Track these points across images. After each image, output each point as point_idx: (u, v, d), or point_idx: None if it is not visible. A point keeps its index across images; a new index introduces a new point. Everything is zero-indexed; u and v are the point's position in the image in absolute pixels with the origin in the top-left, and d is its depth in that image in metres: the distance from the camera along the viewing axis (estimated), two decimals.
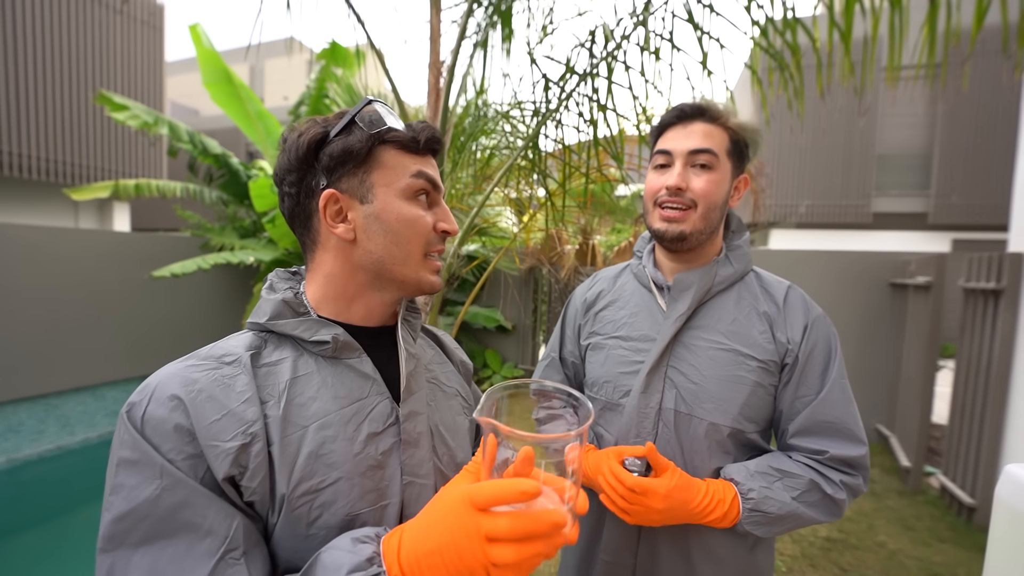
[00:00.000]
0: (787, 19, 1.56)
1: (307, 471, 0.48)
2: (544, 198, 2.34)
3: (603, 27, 1.66)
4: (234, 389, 0.47)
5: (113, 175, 7.12)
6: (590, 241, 5.46)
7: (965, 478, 2.81)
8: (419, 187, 0.56)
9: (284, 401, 0.49)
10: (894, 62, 1.48)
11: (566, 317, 1.02)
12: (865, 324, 4.04)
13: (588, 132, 1.78)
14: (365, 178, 0.55)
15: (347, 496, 0.49)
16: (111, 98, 4.86)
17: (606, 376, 0.87)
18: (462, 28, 1.75)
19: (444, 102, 1.70)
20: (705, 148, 0.79)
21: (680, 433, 0.80)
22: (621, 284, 0.94)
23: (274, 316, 0.54)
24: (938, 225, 8.03)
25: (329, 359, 0.54)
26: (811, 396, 0.78)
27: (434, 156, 0.59)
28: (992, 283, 2.69)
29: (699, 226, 0.80)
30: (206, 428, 0.45)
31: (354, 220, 0.55)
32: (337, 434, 0.50)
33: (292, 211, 0.57)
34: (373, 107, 0.55)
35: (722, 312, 0.82)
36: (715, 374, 0.79)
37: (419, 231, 0.56)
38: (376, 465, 0.52)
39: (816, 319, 0.81)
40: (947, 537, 2.58)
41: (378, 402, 0.54)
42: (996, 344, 2.66)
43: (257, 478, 0.46)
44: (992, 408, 2.66)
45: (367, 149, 0.54)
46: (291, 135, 0.56)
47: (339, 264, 0.56)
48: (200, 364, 0.49)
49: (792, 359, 0.79)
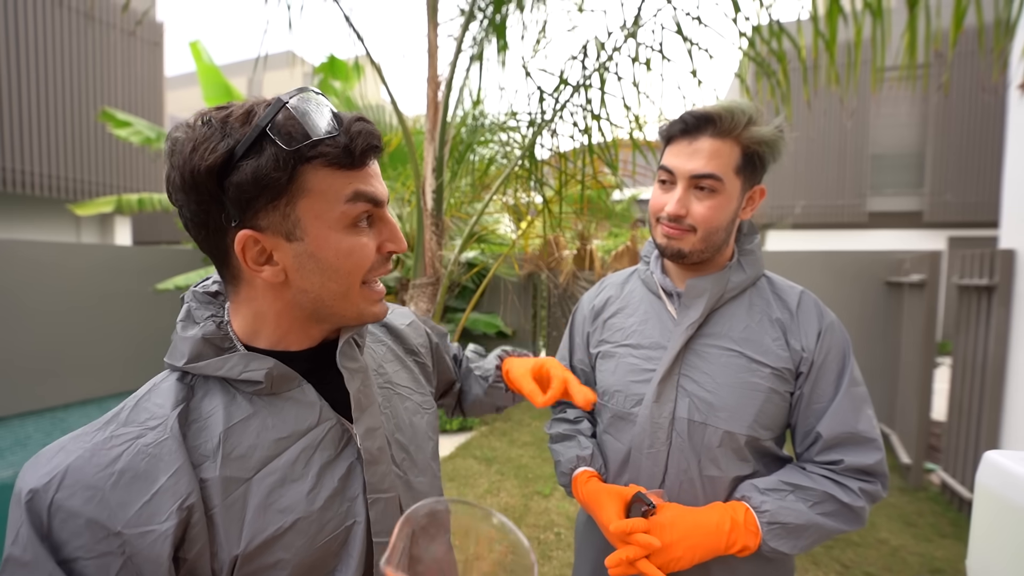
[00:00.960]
0: (772, 28, 1.62)
1: (259, 524, 0.44)
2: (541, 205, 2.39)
3: (595, 40, 1.72)
4: (161, 460, 0.42)
5: (116, 190, 7.18)
6: (587, 246, 5.50)
7: (964, 473, 2.83)
8: (358, 213, 0.47)
9: (220, 458, 0.44)
10: (877, 64, 1.53)
11: (574, 324, 0.99)
12: (862, 323, 4.07)
13: (583, 141, 1.83)
14: (289, 211, 0.45)
15: (306, 534, 0.46)
16: (114, 115, 4.93)
17: (617, 385, 0.85)
18: (459, 42, 1.81)
19: (443, 115, 1.75)
20: (707, 174, 0.74)
21: (695, 442, 0.78)
22: (629, 290, 0.92)
23: (193, 358, 0.47)
24: (933, 223, 8.08)
25: (267, 396, 0.48)
26: (824, 404, 0.77)
27: (377, 157, 0.49)
28: (985, 280, 2.72)
29: (699, 247, 0.78)
30: (136, 515, 0.40)
31: (282, 261, 0.46)
32: (284, 477, 0.46)
33: (199, 240, 0.47)
34: (289, 111, 0.43)
35: (734, 319, 0.80)
36: (729, 382, 0.77)
37: (360, 262, 0.49)
38: (334, 493, 0.49)
39: (829, 325, 0.79)
40: (948, 532, 2.60)
41: (329, 427, 0.50)
42: (991, 340, 2.69)
43: (195, 548, 0.42)
44: (989, 403, 2.69)
45: (288, 176, 0.43)
46: (180, 144, 0.43)
47: (269, 302, 0.49)
48: (119, 435, 0.43)
49: (807, 367, 0.77)
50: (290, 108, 0.43)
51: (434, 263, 1.70)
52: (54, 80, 6.40)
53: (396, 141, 3.95)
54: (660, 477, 0.80)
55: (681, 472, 0.79)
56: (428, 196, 1.71)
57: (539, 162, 1.98)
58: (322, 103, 0.45)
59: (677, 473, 0.79)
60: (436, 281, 1.72)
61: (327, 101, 0.46)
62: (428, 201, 1.71)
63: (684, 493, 0.79)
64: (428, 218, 1.71)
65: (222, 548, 0.43)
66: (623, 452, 0.83)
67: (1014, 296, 2.62)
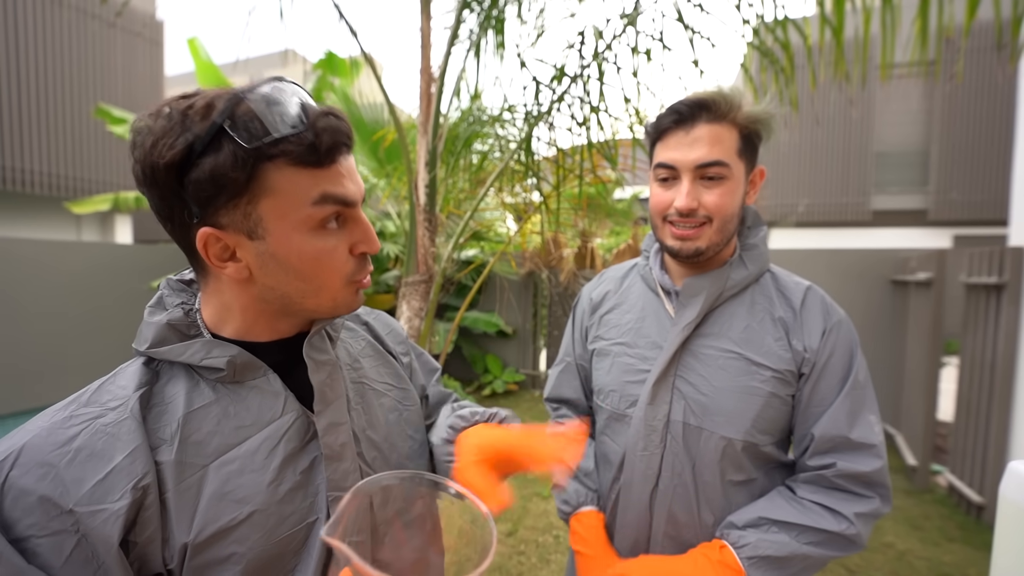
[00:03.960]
0: (777, 18, 1.56)
1: (212, 513, 0.43)
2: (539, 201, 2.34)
3: (593, 28, 1.67)
4: (119, 439, 0.41)
5: (114, 188, 7.16)
6: (589, 244, 5.45)
7: (973, 476, 2.77)
8: (324, 215, 0.45)
9: (178, 442, 0.43)
10: (887, 58, 1.48)
11: (575, 318, 0.96)
12: (867, 322, 4.01)
13: (581, 135, 1.78)
14: (250, 210, 0.43)
15: (263, 527, 0.45)
16: (110, 112, 4.90)
17: (612, 384, 0.83)
18: (452, 33, 1.75)
19: (436, 107, 1.70)
20: (714, 161, 0.70)
21: (690, 447, 0.75)
22: (628, 285, 0.89)
23: (156, 343, 0.47)
24: (938, 221, 8.01)
25: (231, 384, 0.48)
26: (823, 408, 0.72)
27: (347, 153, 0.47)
28: (994, 278, 2.66)
29: (716, 239, 0.74)
30: (89, 492, 0.39)
31: (244, 258, 0.45)
32: (243, 467, 0.45)
33: (167, 231, 0.46)
34: (247, 105, 0.41)
35: (733, 319, 0.76)
36: (726, 385, 0.74)
37: (332, 266, 0.47)
38: (296, 486, 0.47)
39: (836, 324, 0.75)
40: (956, 536, 2.54)
41: (293, 419, 0.49)
42: (1000, 339, 2.64)
43: (146, 531, 0.41)
44: (998, 404, 2.63)
45: (247, 175, 0.41)
46: (142, 138, 0.41)
47: (235, 295, 0.48)
48: (79, 414, 0.42)
49: (809, 368, 0.73)
50: (250, 102, 0.41)
51: (427, 260, 1.65)
52: (53, 78, 6.38)
53: (391, 136, 3.90)
54: (654, 480, 0.77)
55: (675, 476, 0.76)
56: (421, 191, 1.66)
57: (535, 157, 1.93)
58: (293, 92, 0.43)
59: (671, 476, 0.76)
60: (429, 279, 1.67)
61: (300, 91, 0.44)
62: (421, 196, 1.66)
63: (678, 498, 0.76)
64: (421, 213, 1.66)
65: (173, 535, 0.42)
66: (620, 454, 0.81)
67: (1023, 294, 2.56)
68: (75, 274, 4.12)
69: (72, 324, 4.07)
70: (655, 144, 0.77)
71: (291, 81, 0.44)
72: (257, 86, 0.42)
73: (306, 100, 0.44)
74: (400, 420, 0.60)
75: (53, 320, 3.97)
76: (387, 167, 4.48)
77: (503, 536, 2.59)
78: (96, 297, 4.23)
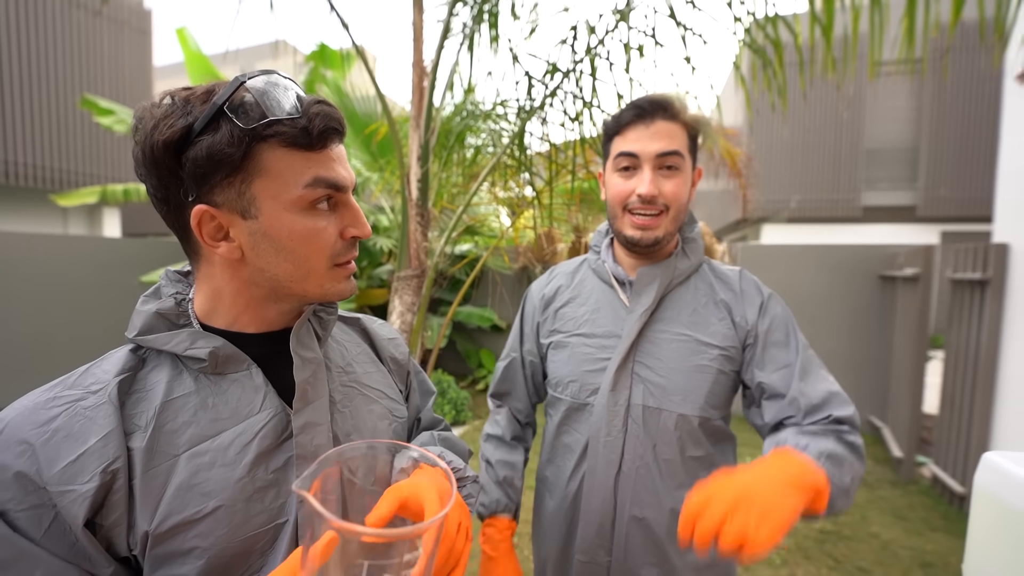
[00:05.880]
0: (768, 15, 1.57)
1: (177, 504, 0.43)
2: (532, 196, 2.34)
3: (585, 23, 1.67)
4: (96, 422, 0.42)
5: (101, 180, 7.05)
6: (582, 239, 5.47)
7: (956, 467, 2.83)
8: (315, 197, 0.47)
9: (151, 429, 0.44)
10: (875, 56, 1.49)
11: (524, 315, 1.00)
12: (856, 316, 4.07)
13: (574, 130, 1.78)
14: (244, 189, 0.44)
15: (227, 524, 0.44)
16: (96, 103, 4.82)
17: (571, 375, 0.86)
18: (445, 27, 1.74)
19: (428, 100, 1.69)
20: (672, 150, 0.78)
21: (649, 428, 0.80)
22: (580, 280, 0.93)
23: (144, 330, 0.48)
24: (927, 218, 8.11)
25: (213, 375, 0.48)
26: (788, 367, 0.78)
27: (339, 140, 0.49)
28: (978, 274, 2.71)
29: (671, 228, 0.81)
30: (60, 472, 0.40)
31: (237, 238, 0.46)
32: (214, 460, 0.45)
33: (163, 216, 0.48)
34: (247, 90, 0.43)
35: (681, 304, 0.83)
36: (680, 366, 0.80)
37: (320, 246, 0.48)
38: (267, 485, 0.47)
39: (769, 296, 0.84)
40: (939, 526, 2.60)
41: (271, 415, 0.48)
42: (983, 334, 2.69)
43: (112, 515, 0.42)
44: (980, 397, 2.69)
45: (241, 153, 0.43)
46: (144, 122, 0.44)
47: (226, 279, 0.49)
48: (62, 396, 0.44)
49: (752, 338, 0.81)
50: (249, 88, 0.44)
51: (419, 255, 1.65)
52: (39, 68, 6.25)
53: (384, 130, 3.88)
54: (617, 464, 0.81)
55: (637, 458, 0.80)
56: (413, 185, 1.65)
57: (528, 151, 1.93)
58: (288, 86, 0.46)
59: (633, 459, 0.80)
60: (421, 273, 1.67)
61: (294, 84, 0.47)
62: (413, 190, 1.66)
63: (641, 479, 0.80)
64: (413, 208, 1.66)
65: (138, 522, 0.42)
66: (582, 443, 0.84)
67: (1007, 290, 2.61)
68: (62, 268, 4.06)
69: (58, 318, 4.03)
70: (613, 138, 0.83)
71: (286, 76, 0.47)
72: (256, 75, 0.45)
73: (300, 92, 0.47)
74: (389, 429, 0.60)
75: (39, 314, 3.92)
76: (380, 161, 4.45)
77: None
78: (83, 291, 4.18)
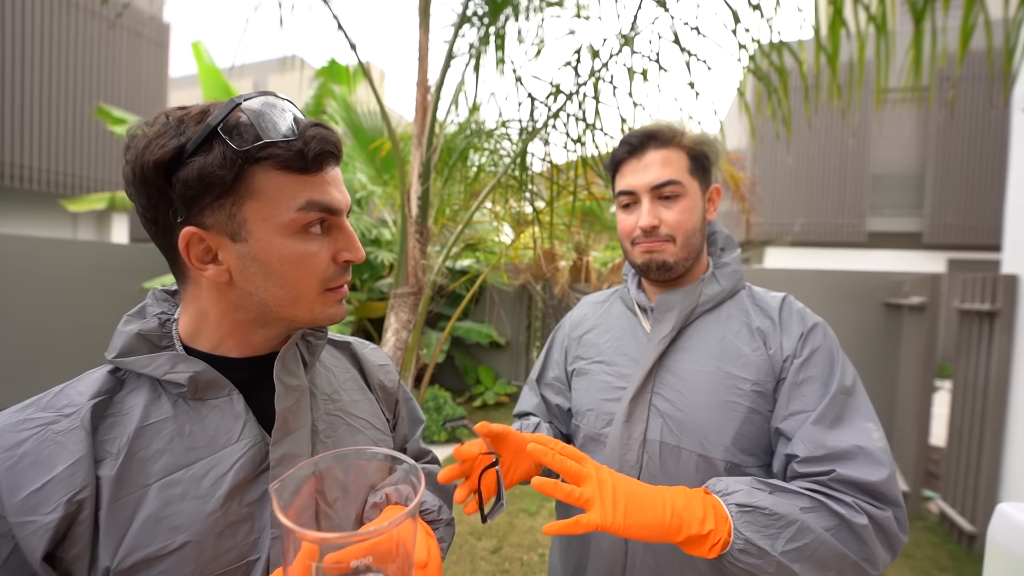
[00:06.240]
0: (773, 42, 1.57)
1: (142, 538, 0.40)
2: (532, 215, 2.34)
3: (589, 47, 1.67)
4: (65, 448, 0.40)
5: (111, 187, 7.14)
6: (584, 258, 5.46)
7: (964, 504, 2.74)
8: (308, 221, 0.45)
9: (123, 457, 0.42)
10: (881, 84, 1.48)
11: (554, 340, 0.98)
12: (860, 344, 4.00)
13: (576, 151, 1.77)
14: (235, 211, 0.43)
15: (195, 561, 0.42)
16: (109, 112, 4.91)
17: (589, 403, 0.82)
18: (449, 49, 1.76)
19: (432, 119, 1.70)
20: (667, 180, 0.75)
21: (667, 467, 0.72)
22: (607, 308, 0.91)
23: (124, 352, 0.46)
24: (933, 244, 8.07)
25: (192, 401, 0.46)
26: (808, 411, 0.66)
27: (335, 163, 0.48)
28: (987, 305, 2.67)
29: (682, 255, 0.77)
30: (22, 502, 0.38)
31: (226, 260, 0.45)
32: (186, 492, 0.43)
33: (151, 236, 0.47)
34: (242, 111, 0.43)
35: (709, 332, 0.76)
36: (704, 401, 0.71)
37: (312, 270, 0.47)
38: (240, 519, 0.44)
39: (814, 326, 0.73)
40: (948, 566, 2.50)
41: (250, 445, 0.46)
42: (992, 366, 2.63)
43: (74, 548, 0.39)
44: (990, 432, 2.62)
45: (234, 175, 0.42)
46: (136, 141, 0.43)
47: (212, 302, 0.47)
48: (33, 419, 0.41)
49: (786, 373, 0.70)
50: (245, 109, 0.43)
51: (417, 272, 1.63)
52: (56, 76, 6.40)
53: (388, 147, 3.92)
54: None
55: None
56: (413, 203, 1.65)
57: (529, 170, 1.93)
58: (286, 108, 0.45)
59: None
60: (419, 291, 1.65)
61: (292, 106, 0.46)
62: (413, 207, 1.65)
63: None
64: (412, 225, 1.65)
65: (100, 556, 0.40)
66: None
67: (1016, 322, 2.56)
68: (70, 272, 4.09)
69: (65, 322, 4.04)
70: (614, 177, 0.82)
71: (284, 97, 0.46)
72: (252, 97, 0.44)
73: (298, 114, 0.46)
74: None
75: (46, 318, 3.94)
76: (384, 175, 4.48)
77: (488, 553, 2.54)
78: (90, 296, 4.20)
